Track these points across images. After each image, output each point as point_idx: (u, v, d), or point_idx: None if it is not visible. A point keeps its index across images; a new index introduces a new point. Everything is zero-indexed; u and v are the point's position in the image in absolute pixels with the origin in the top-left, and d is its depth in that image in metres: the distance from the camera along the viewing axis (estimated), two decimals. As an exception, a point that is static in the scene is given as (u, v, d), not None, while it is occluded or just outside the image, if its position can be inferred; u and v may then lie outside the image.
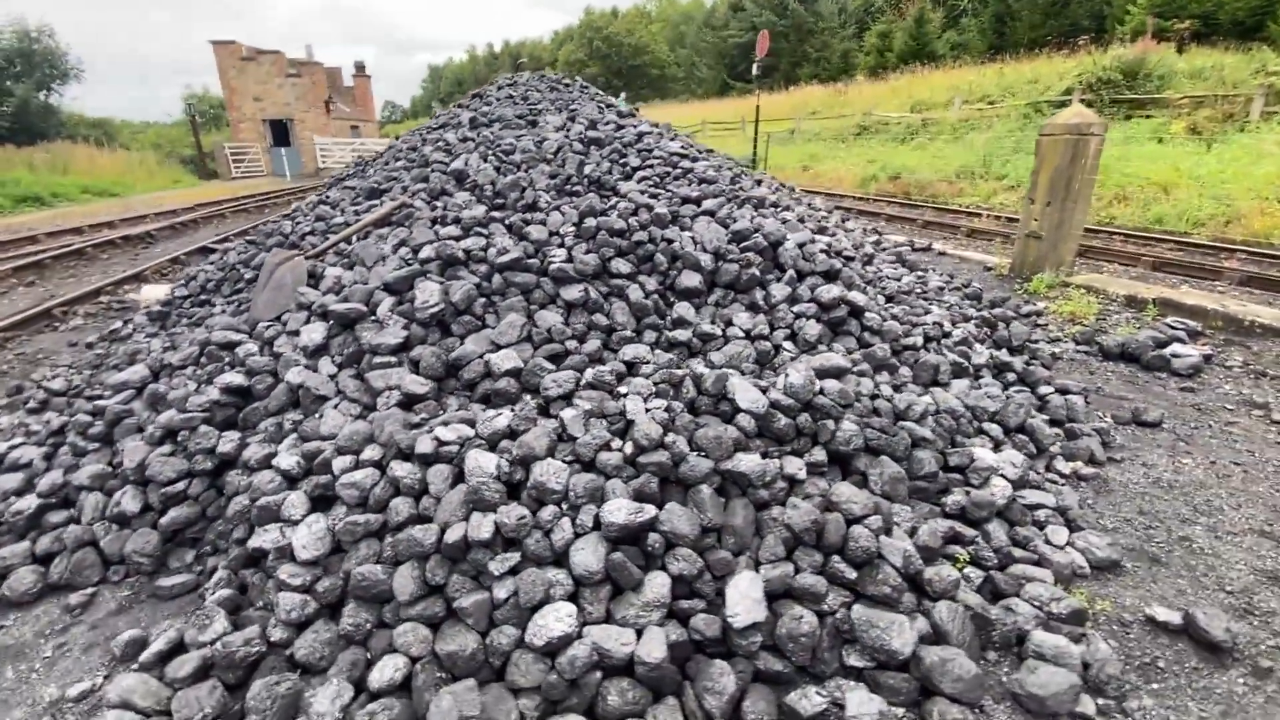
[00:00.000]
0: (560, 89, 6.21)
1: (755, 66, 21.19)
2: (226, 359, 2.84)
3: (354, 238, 3.46)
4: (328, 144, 25.29)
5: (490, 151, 4.05)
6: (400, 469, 2.08)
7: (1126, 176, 10.13)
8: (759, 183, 5.48)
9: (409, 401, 2.40)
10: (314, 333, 2.67)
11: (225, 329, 3.03)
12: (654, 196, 3.67)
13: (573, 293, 2.87)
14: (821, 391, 2.43)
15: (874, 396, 2.63)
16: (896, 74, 25.11)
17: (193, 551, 2.36)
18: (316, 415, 2.43)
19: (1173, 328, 4.40)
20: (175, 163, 24.05)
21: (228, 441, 2.45)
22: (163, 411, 2.65)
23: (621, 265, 3.09)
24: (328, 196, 4.45)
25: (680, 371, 2.42)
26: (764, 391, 2.39)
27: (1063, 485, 2.71)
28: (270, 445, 2.40)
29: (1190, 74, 13.84)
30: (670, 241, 3.24)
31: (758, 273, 3.18)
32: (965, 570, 2.14)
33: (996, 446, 2.80)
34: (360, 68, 30.15)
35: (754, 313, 3.10)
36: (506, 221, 3.28)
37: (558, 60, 77.34)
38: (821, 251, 3.55)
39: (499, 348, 2.64)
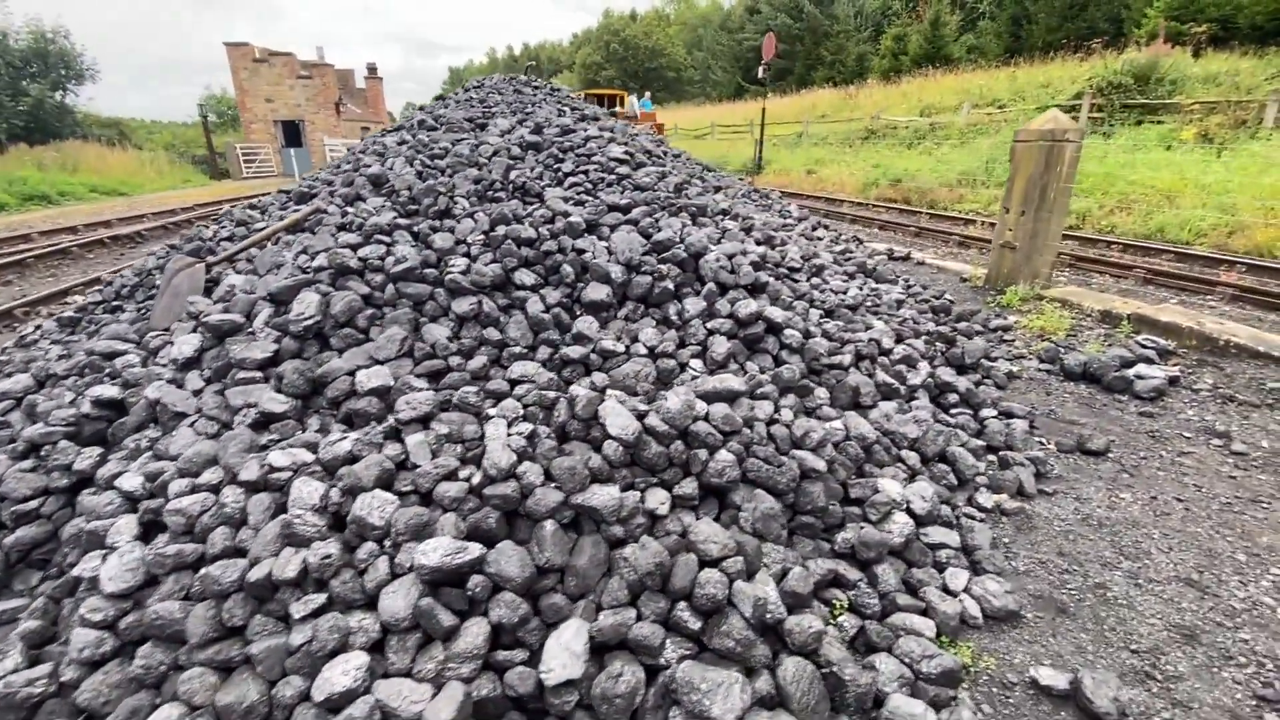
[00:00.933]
0: (525, 91, 6.09)
1: (762, 69, 21.00)
2: (106, 370, 2.74)
3: (263, 244, 3.35)
4: (337, 145, 25.51)
5: (419, 156, 3.93)
6: (229, 495, 1.94)
7: (1131, 184, 9.77)
8: (719, 189, 5.31)
9: (265, 420, 2.27)
10: (187, 345, 2.56)
11: (113, 338, 2.94)
12: (579, 204, 3.52)
13: (464, 305, 2.72)
14: (706, 417, 2.26)
15: (772, 422, 2.45)
16: (910, 78, 24.69)
17: (39, 574, 2.25)
18: (172, 433, 2.31)
19: (1144, 346, 4.14)
20: (187, 162, 24.41)
21: (86, 458, 2.34)
22: (35, 423, 2.56)
23: (525, 276, 2.94)
24: (257, 201, 4.37)
25: (552, 394, 2.27)
26: (642, 417, 2.22)
27: (979, 521, 2.50)
28: (127, 464, 2.28)
29: (1204, 79, 13.36)
30: (582, 252, 3.08)
31: (672, 286, 3.01)
32: (840, 619, 1.95)
33: (912, 477, 2.60)
34: (372, 70, 30.41)
35: (665, 328, 2.93)
36: (415, 229, 3.15)
37: (575, 63, 77.67)
38: (751, 264, 3.37)
39: (378, 363, 2.50)
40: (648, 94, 25.04)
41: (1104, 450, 3.04)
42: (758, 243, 4.16)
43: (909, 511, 2.42)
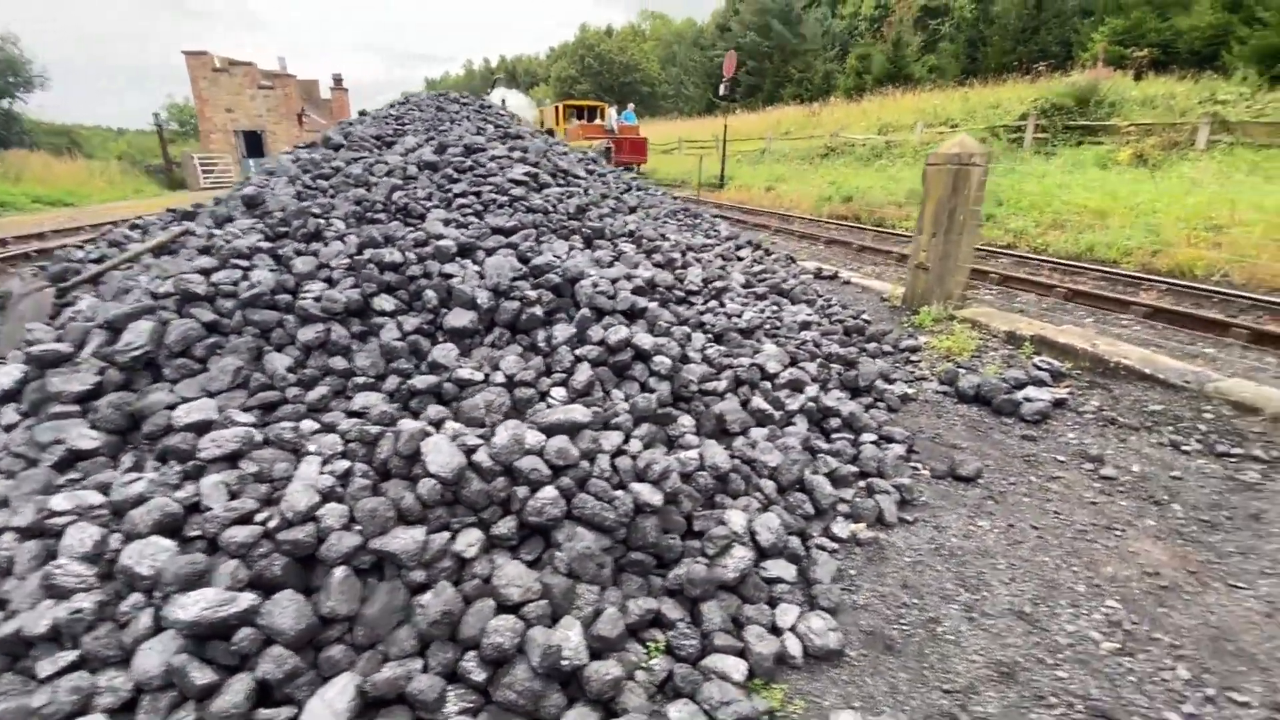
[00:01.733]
0: (447, 109, 6.04)
1: (723, 87, 21.26)
2: (-72, 400, 2.59)
3: (127, 266, 3.23)
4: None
5: (305, 176, 3.84)
6: (3, 542, 1.83)
7: (1066, 204, 10.02)
8: (635, 210, 5.29)
9: (72, 458, 2.16)
10: (7, 376, 2.43)
11: (-57, 366, 2.79)
12: (462, 226, 3.47)
13: (310, 333, 2.64)
14: (541, 451, 2.20)
15: (618, 454, 2.40)
16: (872, 96, 25.20)
17: None
18: (-29, 472, 2.18)
19: (1039, 368, 4.20)
20: (141, 172, 23.87)
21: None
22: None
23: (385, 302, 2.87)
24: (140, 219, 4.24)
25: (375, 429, 2.19)
26: (471, 452, 2.15)
27: (830, 552, 2.47)
28: (-76, 503, 2.14)
29: (1142, 102, 13.83)
30: (449, 277, 3.02)
31: (541, 311, 2.95)
32: (654, 661, 1.89)
33: (767, 507, 2.56)
34: (337, 80, 30.10)
35: (532, 355, 2.87)
36: (279, 252, 3.06)
37: (550, 75, 78.05)
38: (634, 289, 3.34)
39: (209, 395, 2.40)
40: (630, 106, 24.16)
41: (974, 476, 3.05)
42: (658, 265, 4.14)
43: (755, 543, 2.38)
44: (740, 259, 5.77)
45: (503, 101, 35.41)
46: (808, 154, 20.83)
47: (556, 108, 23.51)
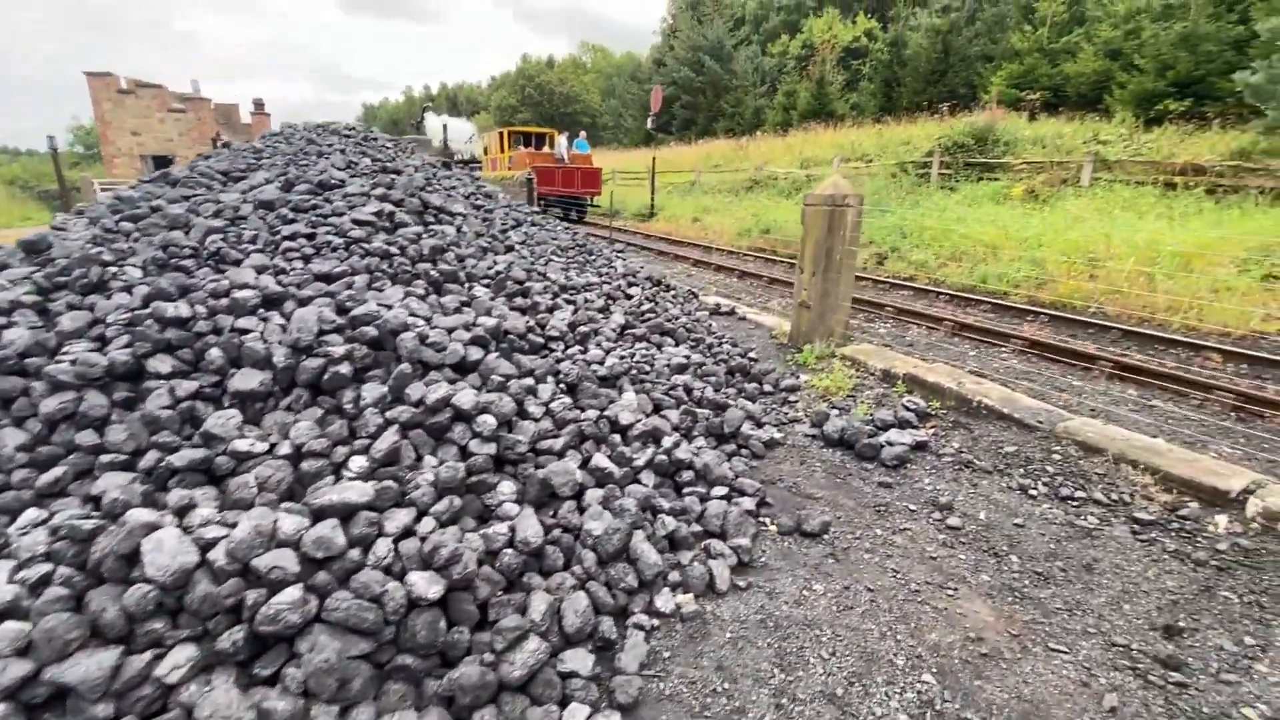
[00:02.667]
0: (318, 141, 5.73)
1: (650, 120, 21.61)
2: None
3: None
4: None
5: (113, 217, 3.48)
6: None
7: (963, 237, 10.47)
8: (510, 249, 5.10)
9: None
10: None
11: None
12: (281, 273, 3.18)
13: (54, 403, 2.29)
14: (297, 542, 1.93)
15: (405, 535, 2.15)
16: (798, 131, 26.19)
17: None
18: None
19: (907, 408, 4.20)
20: (33, 197, 22.21)
21: None
22: None
23: (162, 364, 2.54)
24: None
25: (89, 522, 1.87)
26: (207, 548, 1.86)
27: (646, 633, 2.28)
28: None
29: (1033, 141, 14.79)
30: (245, 332, 2.72)
31: (349, 369, 2.69)
32: (399, 794, 1.63)
33: (582, 584, 2.35)
34: (259, 105, 29.04)
35: (335, 419, 2.59)
36: (47, 306, 2.70)
37: (491, 104, 78.13)
38: (474, 339, 3.12)
39: (-94, 483, 2.02)
40: (583, 134, 22.54)
41: (820, 531, 2.93)
42: (517, 310, 3.95)
43: (560, 630, 2.16)
44: (629, 297, 5.65)
45: (444, 128, 34.79)
46: (734, 186, 21.34)
47: (500, 134, 22.25)
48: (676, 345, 4.96)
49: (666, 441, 3.32)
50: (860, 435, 3.78)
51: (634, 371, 3.92)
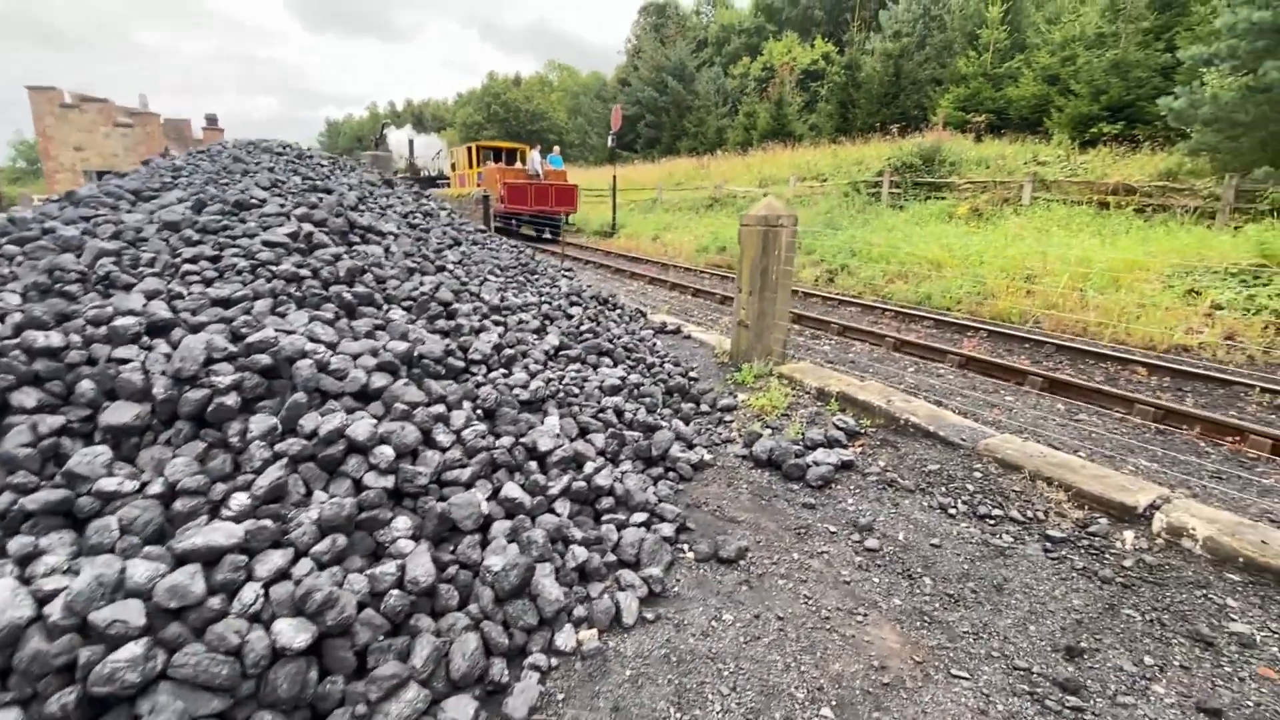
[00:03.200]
0: (256, 156, 5.56)
1: (610, 138, 21.75)
2: None
3: None
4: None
5: (3, 236, 3.28)
6: None
7: (909, 254, 10.72)
8: (441, 269, 4.99)
9: None
10: None
11: None
12: (177, 298, 3.02)
13: (-113, 445, 2.11)
14: (148, 593, 1.78)
15: (279, 579, 2.02)
16: (758, 151, 26.70)
17: None
18: None
19: (838, 427, 4.20)
20: (-36, 216, 21.13)
21: None
22: None
23: (28, 397, 2.37)
24: None
25: (-96, 578, 1.70)
26: (45, 601, 1.70)
27: (541, 674, 2.18)
28: None
29: (978, 161, 15.32)
30: (125, 361, 2.57)
31: (235, 400, 2.55)
32: None
33: (476, 624, 2.25)
34: (212, 120, 28.35)
35: (218, 453, 2.45)
36: (-99, 337, 2.50)
37: (456, 121, 77.95)
38: (380, 364, 3.01)
39: None
40: (556, 149, 21.76)
41: (737, 558, 2.88)
42: (440, 333, 3.84)
43: (447, 675, 2.05)
44: (570, 317, 5.59)
45: (410, 144, 34.34)
46: (695, 204, 21.58)
47: (469, 149, 21.32)
48: (614, 366, 4.91)
49: (588, 467, 3.24)
50: (788, 455, 3.77)
51: (561, 395, 3.84)
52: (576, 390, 4.00)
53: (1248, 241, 7.84)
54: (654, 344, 6.08)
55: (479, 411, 3.28)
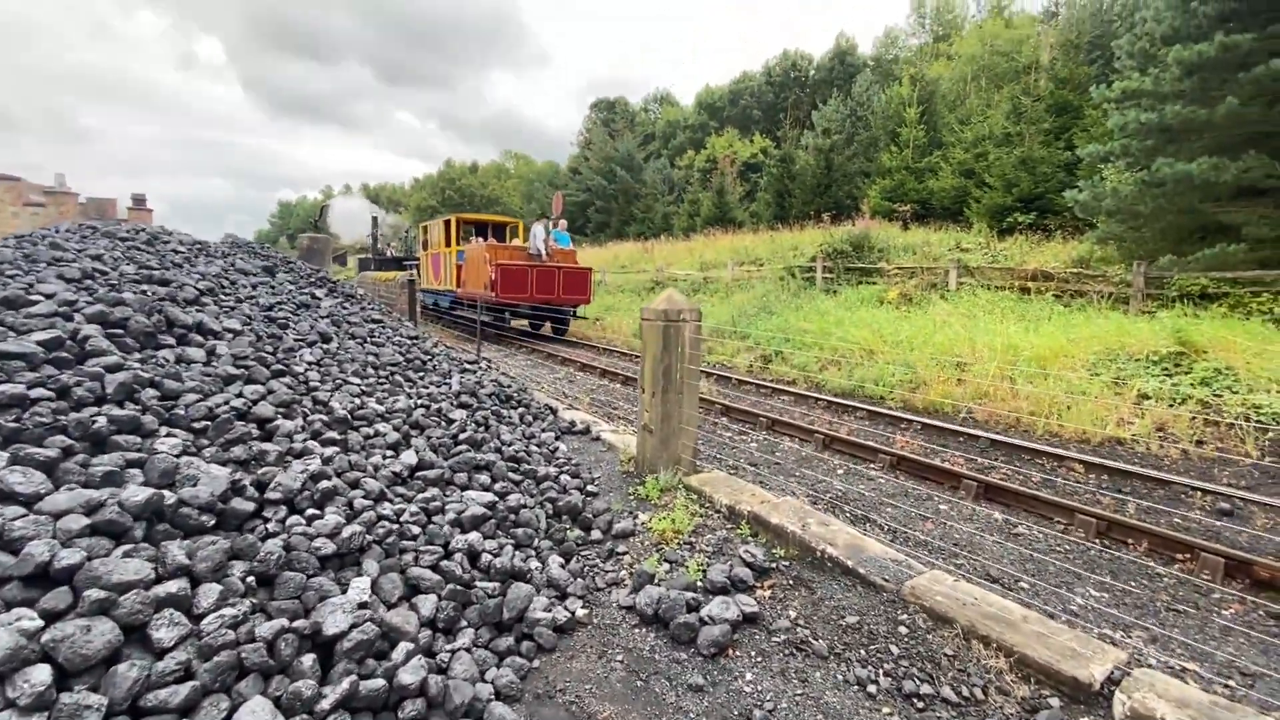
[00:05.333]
0: (84, 241, 4.80)
1: (551, 222, 21.82)
2: None
3: None
4: None
5: None
6: None
7: (841, 340, 10.51)
8: (283, 373, 4.24)
9: None
10: None
11: None
12: None
13: None
14: None
15: None
16: (702, 236, 27.35)
17: None
18: None
19: (745, 561, 3.51)
20: None
21: None
22: None
23: None
24: None
25: None
26: None
27: None
28: None
29: (905, 248, 15.76)
30: None
31: None
32: None
33: None
34: (139, 201, 27.33)
35: None
36: None
37: (410, 204, 78.90)
38: (94, 528, 2.19)
39: None
40: (562, 223, 16.15)
41: (578, 794, 2.08)
42: (239, 463, 3.05)
43: None
44: (450, 421, 4.85)
45: (374, 220, 33.70)
46: (638, 287, 21.55)
47: (447, 223, 17.19)
48: (492, 483, 4.16)
49: (399, 652, 2.43)
50: (677, 610, 3.03)
51: (392, 539, 3.05)
52: (418, 529, 3.22)
53: (1164, 328, 7.84)
54: (555, 449, 5.38)
55: (251, 579, 2.46)
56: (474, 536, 3.34)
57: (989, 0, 41.48)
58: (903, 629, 2.90)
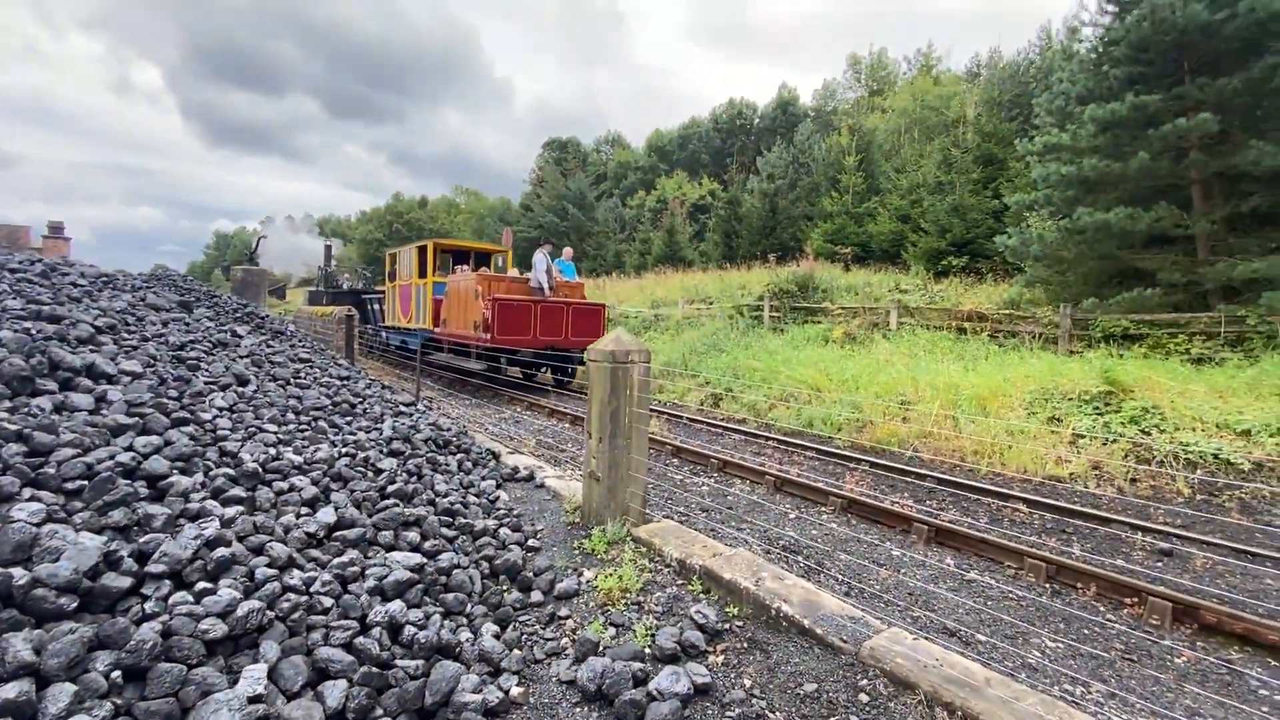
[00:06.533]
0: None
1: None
2: None
3: None
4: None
5: None
6: None
7: (789, 378, 10.56)
8: (187, 420, 3.81)
9: None
10: None
11: None
12: None
13: None
14: None
15: None
16: (652, 273, 27.58)
17: None
18: None
19: (697, 622, 3.27)
20: None
21: None
22: None
23: None
24: None
25: None
26: None
27: None
28: None
29: (847, 288, 16.23)
30: None
31: None
32: None
33: None
34: (57, 229, 25.57)
35: None
36: None
37: (356, 237, 77.16)
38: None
39: None
40: (567, 251, 14.10)
41: None
42: (118, 530, 2.64)
43: None
44: (379, 471, 4.48)
45: (326, 249, 32.42)
46: (588, 323, 21.37)
47: (422, 250, 13.89)
48: (422, 541, 3.81)
49: (296, 754, 2.07)
50: (623, 684, 2.75)
51: (297, 615, 2.67)
52: (330, 600, 2.85)
53: (1093, 368, 8.18)
54: (495, 498, 5.06)
55: (118, 674, 2.07)
56: (396, 606, 2.99)
57: (918, 59, 44.53)
58: (863, 696, 2.71)
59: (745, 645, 3.17)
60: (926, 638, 3.13)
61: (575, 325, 11.74)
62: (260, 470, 3.62)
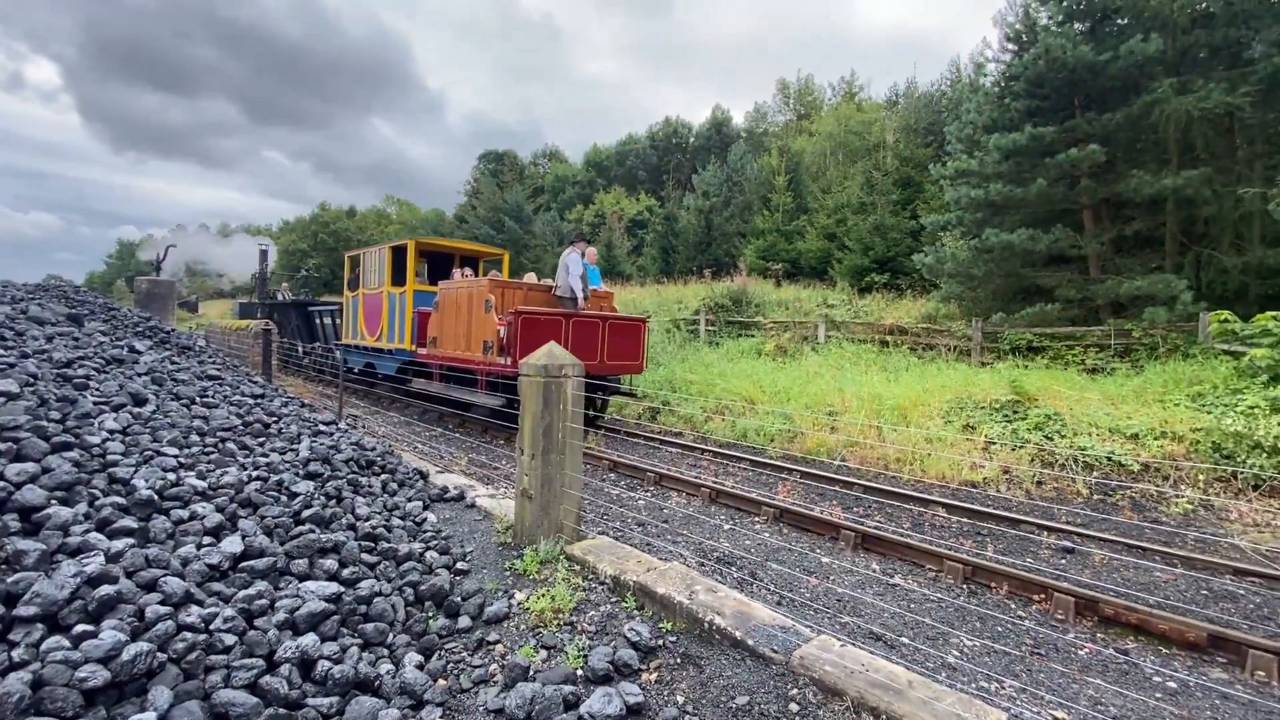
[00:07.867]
0: None
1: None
2: None
3: None
4: None
5: None
6: None
7: (725, 390, 10.74)
8: (70, 444, 3.46)
9: None
10: None
11: None
12: None
13: None
14: None
15: None
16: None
17: None
18: None
19: (631, 640, 3.23)
20: None
21: None
22: None
23: None
24: None
25: None
26: None
27: None
28: None
29: (779, 303, 16.75)
30: None
31: None
32: None
33: None
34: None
35: None
36: None
37: (279, 246, 73.24)
38: None
39: None
40: (590, 252, 10.54)
41: None
42: (-28, 571, 2.34)
43: None
44: (293, 495, 4.21)
45: (262, 253, 30.36)
46: (525, 337, 21.06)
47: (397, 251, 11.61)
48: (340, 569, 3.59)
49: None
50: (553, 710, 2.67)
51: (195, 655, 2.45)
52: (233, 638, 2.63)
53: (1002, 379, 8.74)
54: (422, 520, 4.85)
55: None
56: (309, 640, 2.80)
57: (842, 86, 46.89)
58: (794, 705, 2.74)
59: (679, 661, 3.15)
60: (854, 644, 3.21)
61: (613, 346, 9.23)
62: (156, 498, 3.32)
